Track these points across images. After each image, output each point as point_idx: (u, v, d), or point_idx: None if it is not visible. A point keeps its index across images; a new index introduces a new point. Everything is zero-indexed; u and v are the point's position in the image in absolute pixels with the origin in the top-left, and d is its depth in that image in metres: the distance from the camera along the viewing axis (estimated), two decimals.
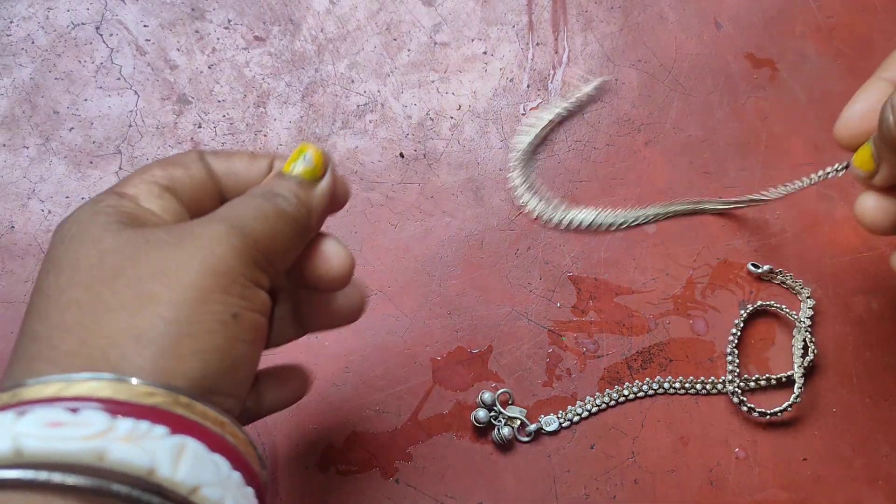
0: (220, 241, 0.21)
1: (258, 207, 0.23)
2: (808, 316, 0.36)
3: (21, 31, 0.39)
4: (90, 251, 0.21)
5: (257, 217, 0.22)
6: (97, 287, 0.20)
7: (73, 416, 0.18)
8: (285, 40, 0.40)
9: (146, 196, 0.23)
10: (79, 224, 0.22)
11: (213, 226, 0.21)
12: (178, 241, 0.21)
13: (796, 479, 0.34)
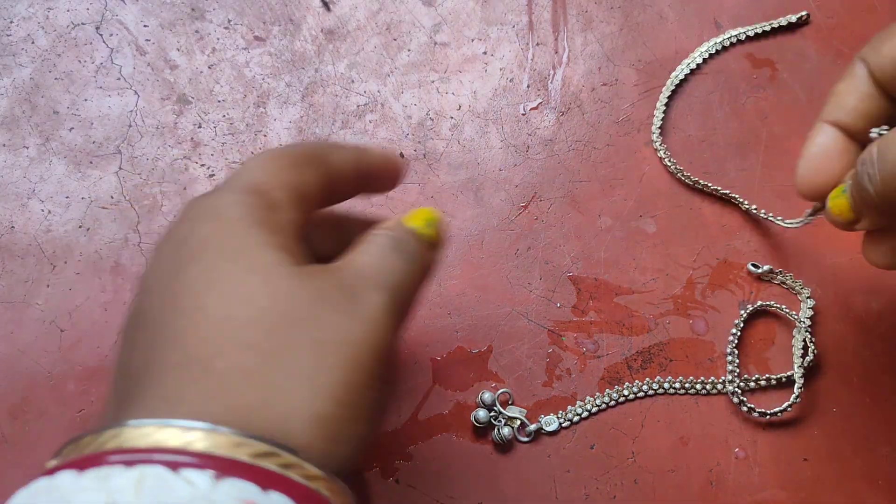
0: (384, 316, 0.21)
1: (407, 272, 0.22)
2: (809, 316, 0.36)
3: (21, 31, 0.39)
4: (263, 287, 0.19)
5: (407, 284, 0.22)
6: (277, 336, 0.19)
7: (264, 495, 0.17)
8: (285, 40, 0.40)
9: (287, 203, 0.22)
10: (232, 236, 0.20)
11: (375, 295, 0.21)
12: (349, 306, 0.20)
13: (796, 479, 0.34)
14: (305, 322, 0.19)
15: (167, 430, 0.17)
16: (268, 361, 0.19)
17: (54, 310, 0.35)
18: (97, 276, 0.36)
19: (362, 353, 0.20)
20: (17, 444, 0.33)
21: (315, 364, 0.19)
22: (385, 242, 0.23)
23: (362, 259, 0.22)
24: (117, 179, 0.37)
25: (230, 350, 0.19)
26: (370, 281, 0.21)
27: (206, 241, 0.20)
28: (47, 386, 0.34)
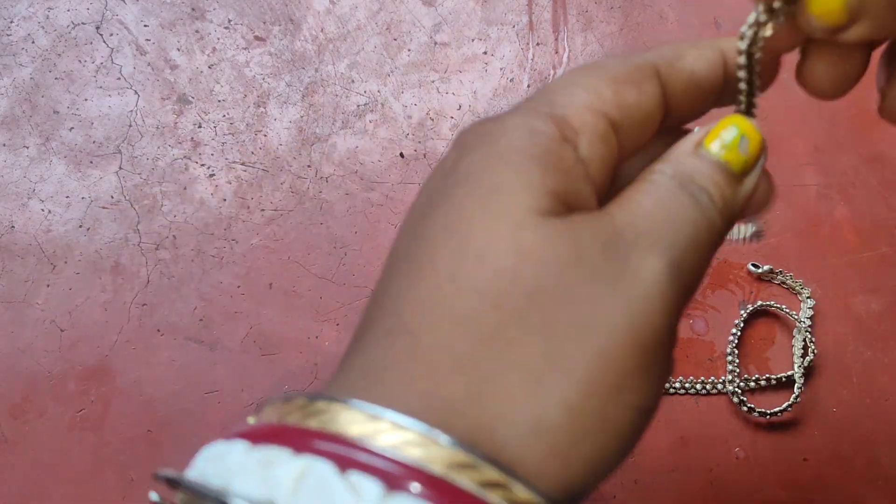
0: (662, 290, 0.15)
1: (690, 218, 0.16)
2: (808, 316, 0.36)
3: (21, 30, 0.39)
4: (506, 242, 0.15)
5: (698, 243, 0.16)
6: (504, 314, 0.15)
7: None
8: (286, 40, 0.40)
9: (592, 135, 0.17)
10: (507, 168, 0.16)
11: (653, 259, 0.15)
12: (612, 276, 0.15)
13: (796, 479, 0.34)
14: (549, 294, 0.15)
15: (381, 424, 0.13)
16: (487, 344, 0.14)
17: (54, 309, 0.35)
18: (97, 276, 0.36)
19: (621, 343, 0.15)
20: (17, 443, 0.33)
21: (548, 353, 0.14)
22: (670, 180, 0.17)
23: (638, 204, 0.16)
24: (117, 179, 0.37)
25: (443, 323, 0.15)
26: (647, 238, 0.16)
27: (468, 172, 0.16)
28: (47, 385, 0.34)
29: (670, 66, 0.18)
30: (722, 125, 0.18)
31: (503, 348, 0.14)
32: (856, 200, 0.39)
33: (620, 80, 0.17)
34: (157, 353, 0.35)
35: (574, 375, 0.14)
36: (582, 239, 0.15)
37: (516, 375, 0.14)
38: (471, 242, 0.15)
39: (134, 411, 0.34)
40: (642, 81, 0.17)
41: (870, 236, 0.38)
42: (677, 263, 0.16)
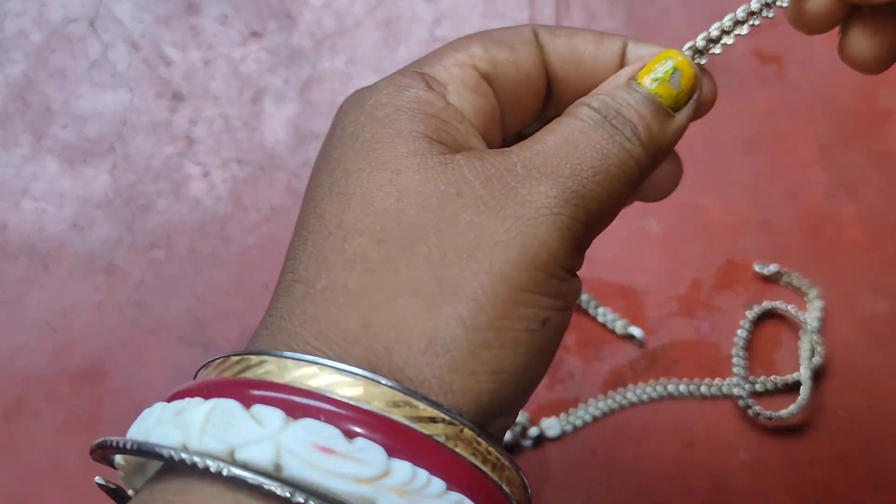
0: (550, 216, 0.16)
1: (600, 150, 0.16)
2: (816, 317, 0.36)
3: (14, 26, 0.39)
4: (386, 186, 0.16)
5: (597, 170, 0.16)
6: (390, 247, 0.15)
7: (348, 445, 0.14)
8: (282, 35, 0.40)
9: (459, 86, 0.18)
10: (376, 122, 0.17)
11: (541, 187, 0.16)
12: (497, 205, 0.16)
13: (803, 483, 0.34)
14: (432, 225, 0.15)
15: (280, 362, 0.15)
16: (376, 277, 0.15)
17: (47, 310, 0.35)
18: (91, 276, 0.35)
19: (506, 264, 0.15)
20: (8, 445, 0.33)
21: (435, 274, 0.15)
22: (591, 114, 0.17)
23: (541, 141, 0.17)
24: (111, 178, 0.37)
25: (334, 266, 0.16)
26: (541, 170, 0.16)
27: (343, 132, 0.17)
28: (40, 387, 0.34)
29: (553, 36, 0.19)
30: (657, 59, 0.18)
31: (392, 277, 0.15)
32: (863, 199, 0.38)
33: (494, 40, 0.18)
34: (151, 354, 0.34)
35: (464, 293, 0.15)
36: (463, 174, 0.16)
37: (407, 300, 0.15)
38: (353, 192, 0.16)
39: (127, 413, 0.33)
40: (516, 42, 0.18)
41: (877, 236, 0.38)
42: (577, 190, 0.16)
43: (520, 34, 0.19)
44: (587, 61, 0.19)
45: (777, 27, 0.41)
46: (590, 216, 0.17)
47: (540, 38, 0.19)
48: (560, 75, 0.19)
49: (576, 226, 0.16)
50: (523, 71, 0.18)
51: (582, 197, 0.16)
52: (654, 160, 0.18)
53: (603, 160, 0.16)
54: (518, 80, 0.18)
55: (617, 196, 0.17)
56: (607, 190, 0.17)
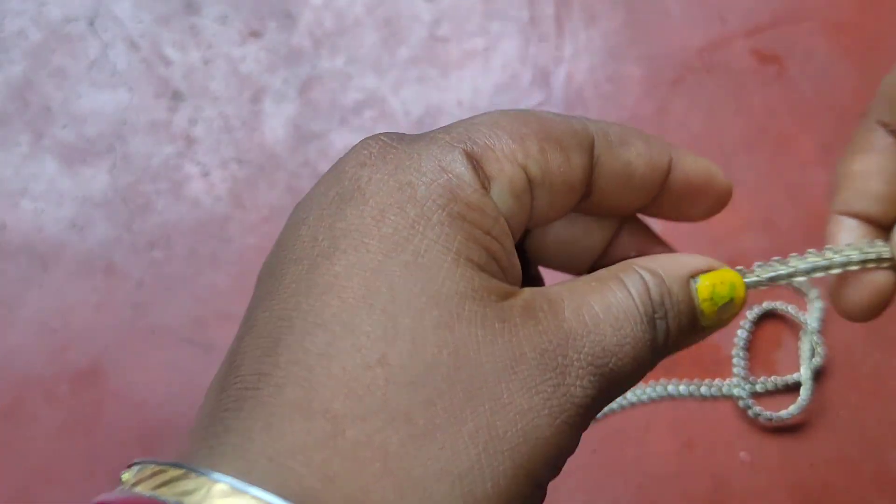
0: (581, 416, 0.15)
1: (637, 355, 0.15)
2: (816, 318, 0.36)
3: (13, 26, 0.39)
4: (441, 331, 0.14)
5: (629, 375, 0.15)
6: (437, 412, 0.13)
7: None
8: (282, 35, 0.40)
9: (506, 186, 0.15)
10: (427, 226, 0.14)
11: (584, 381, 0.14)
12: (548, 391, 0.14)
13: (803, 484, 0.34)
14: (485, 397, 0.14)
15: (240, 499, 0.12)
16: (418, 442, 0.13)
17: (46, 310, 0.35)
18: (90, 276, 0.35)
19: (541, 457, 0.14)
20: (8, 446, 0.33)
21: (475, 459, 0.13)
22: (638, 301, 0.15)
23: (592, 310, 0.15)
24: (110, 177, 0.37)
25: (377, 416, 0.13)
26: (592, 357, 0.15)
27: (381, 220, 0.14)
28: (39, 387, 0.34)
29: (609, 146, 0.17)
30: (724, 276, 0.17)
31: (431, 448, 0.13)
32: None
33: (552, 139, 0.16)
34: (150, 355, 0.34)
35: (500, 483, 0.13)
36: (520, 342, 0.14)
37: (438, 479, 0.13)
38: (401, 321, 0.14)
39: (126, 414, 0.33)
40: (573, 149, 0.16)
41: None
42: (606, 391, 0.15)
43: (577, 137, 0.16)
44: (636, 182, 0.17)
45: (777, 27, 0.41)
46: (598, 410, 0.15)
47: (596, 148, 0.16)
48: (605, 187, 0.17)
49: (588, 422, 0.15)
50: (569, 184, 0.16)
51: (608, 394, 0.15)
52: (656, 362, 0.16)
53: (636, 366, 0.15)
54: (560, 192, 0.16)
55: (630, 379, 0.16)
56: (623, 386, 0.16)
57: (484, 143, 0.15)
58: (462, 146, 0.15)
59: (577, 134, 0.16)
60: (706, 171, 0.18)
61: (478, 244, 0.14)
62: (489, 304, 0.14)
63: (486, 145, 0.15)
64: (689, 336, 0.16)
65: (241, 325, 0.15)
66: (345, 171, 0.15)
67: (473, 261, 0.14)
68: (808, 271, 0.19)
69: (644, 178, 0.17)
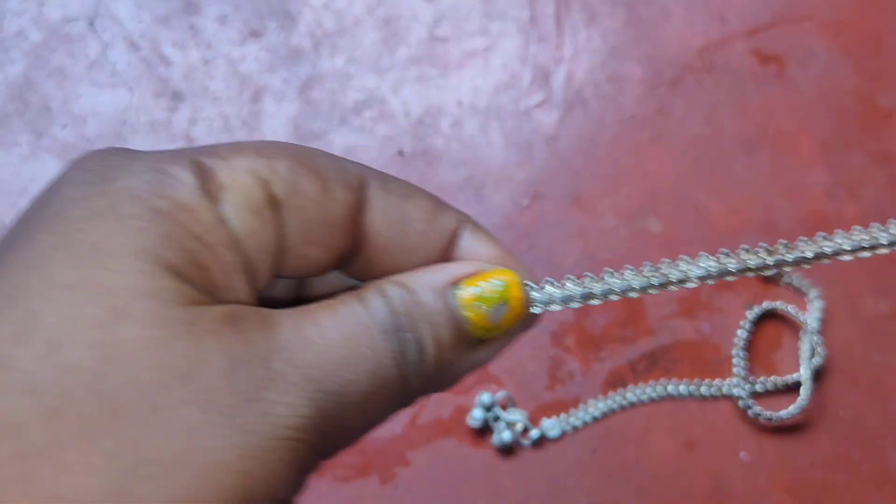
0: (291, 443, 0.12)
1: (377, 375, 0.13)
2: (816, 318, 0.36)
3: (13, 26, 0.39)
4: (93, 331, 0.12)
5: (367, 397, 0.13)
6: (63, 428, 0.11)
7: None
8: (282, 35, 0.40)
9: (240, 199, 0.13)
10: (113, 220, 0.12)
11: (294, 399, 0.12)
12: (233, 409, 0.12)
13: (803, 484, 0.34)
14: (135, 411, 0.11)
15: None
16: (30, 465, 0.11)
17: None
18: None
19: (206, 488, 0.11)
20: None
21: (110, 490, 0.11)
22: (382, 312, 0.14)
23: (326, 327, 0.13)
24: None
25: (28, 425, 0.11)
26: (306, 374, 0.12)
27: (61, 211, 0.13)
28: None
29: (385, 193, 0.15)
30: (491, 274, 0.15)
31: (51, 476, 0.11)
32: (864, 199, 0.38)
33: (309, 166, 0.14)
34: None
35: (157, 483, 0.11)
36: (206, 349, 0.12)
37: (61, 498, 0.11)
38: (41, 318, 0.11)
39: None
40: (336, 182, 0.14)
41: None
42: (333, 415, 0.13)
43: (343, 174, 0.15)
44: (413, 234, 0.15)
45: (777, 27, 0.41)
46: (330, 444, 0.13)
47: (369, 190, 0.15)
48: (378, 240, 0.15)
49: (313, 456, 0.13)
50: (328, 217, 0.14)
51: (335, 425, 0.13)
52: (427, 392, 0.15)
53: (374, 386, 0.13)
54: (317, 223, 0.14)
55: (370, 427, 0.14)
56: (363, 422, 0.14)
57: (220, 156, 0.14)
58: (192, 155, 0.14)
59: (344, 171, 0.15)
60: (493, 255, 0.16)
61: (179, 247, 0.12)
62: (174, 307, 0.12)
63: (222, 157, 0.14)
64: (463, 350, 0.15)
65: None
66: (61, 173, 0.14)
67: (167, 261, 0.12)
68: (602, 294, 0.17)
69: (424, 235, 0.15)
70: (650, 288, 0.17)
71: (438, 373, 0.14)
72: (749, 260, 0.17)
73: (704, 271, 0.17)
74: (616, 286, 0.17)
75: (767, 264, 0.17)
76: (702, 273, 0.17)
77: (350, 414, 0.13)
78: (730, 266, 0.17)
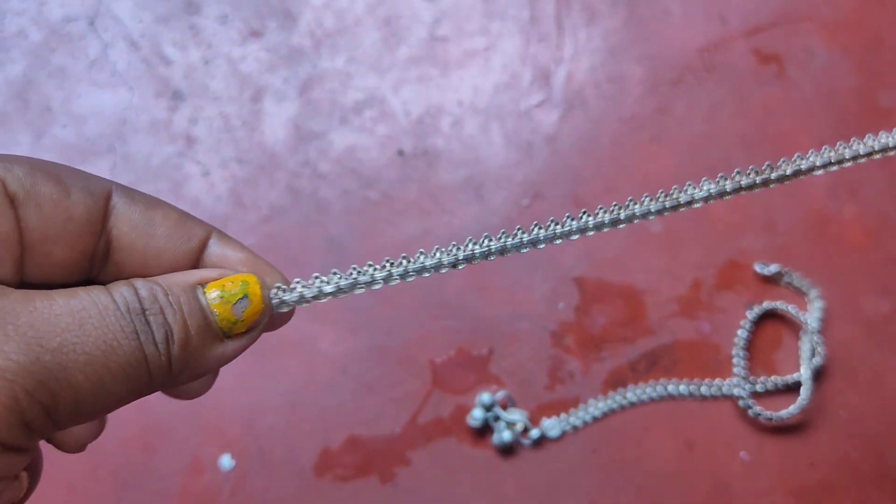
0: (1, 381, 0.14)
1: (108, 342, 0.15)
2: (817, 318, 0.36)
3: (13, 25, 0.39)
4: None
5: (93, 361, 0.15)
6: None
7: None
8: (282, 35, 0.40)
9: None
10: None
11: (7, 346, 0.14)
12: None
13: (803, 483, 0.34)
14: None
15: None
16: None
17: None
18: None
19: None
20: None
21: None
22: (127, 295, 0.15)
23: (57, 301, 0.15)
24: (111, 177, 0.37)
25: None
26: (23, 329, 0.14)
27: None
28: None
29: (131, 202, 0.17)
30: (235, 279, 0.17)
31: None
32: (864, 199, 0.38)
33: (48, 172, 0.16)
34: None
35: None
36: None
37: None
38: None
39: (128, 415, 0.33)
40: (77, 187, 0.16)
41: (879, 236, 0.38)
42: (53, 370, 0.14)
43: (86, 181, 0.17)
44: (160, 238, 0.17)
45: (776, 27, 0.41)
46: (57, 402, 0.14)
47: (113, 198, 0.17)
48: (125, 242, 0.17)
49: (30, 403, 0.14)
50: (68, 215, 0.16)
51: (56, 379, 0.14)
52: (177, 377, 0.16)
53: (106, 353, 0.15)
54: (57, 221, 0.16)
55: (108, 396, 0.15)
56: (95, 386, 0.15)
57: None
58: None
59: (87, 179, 0.17)
60: (241, 259, 0.18)
61: None
62: None
63: None
64: (210, 341, 0.16)
65: None
66: None
67: None
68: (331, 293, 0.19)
69: (170, 240, 0.17)
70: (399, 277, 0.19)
71: (187, 357, 0.16)
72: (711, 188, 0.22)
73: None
74: (362, 280, 0.19)
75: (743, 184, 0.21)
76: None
77: (75, 373, 0.14)
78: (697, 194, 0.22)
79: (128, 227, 0.17)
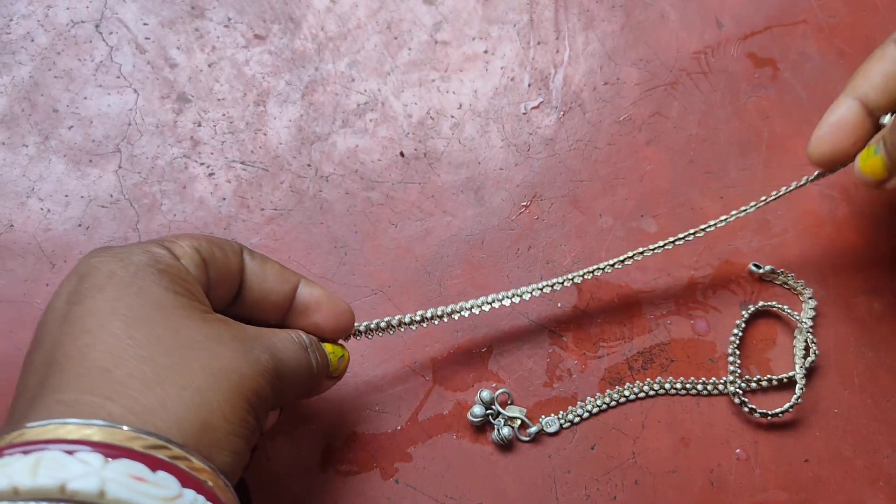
0: (267, 370, 0.24)
1: (296, 353, 0.27)
2: (810, 317, 0.36)
3: (21, 28, 0.39)
4: (162, 322, 0.23)
5: (295, 369, 0.26)
6: (172, 357, 0.22)
7: (152, 475, 0.20)
8: (285, 39, 0.40)
9: (189, 259, 0.25)
10: (137, 276, 0.23)
11: (265, 354, 0.25)
12: (241, 350, 0.24)
13: (797, 480, 0.34)
14: (201, 350, 0.23)
15: (66, 427, 0.20)
16: (165, 374, 0.22)
17: None
18: None
19: (248, 387, 0.23)
20: None
21: (207, 383, 0.22)
22: (298, 338, 0.27)
23: (269, 334, 0.26)
24: (117, 178, 0.37)
25: (131, 361, 0.21)
26: (265, 343, 0.25)
27: (111, 275, 0.23)
28: None
29: (253, 258, 0.28)
30: (340, 349, 0.30)
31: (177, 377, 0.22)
32: (858, 200, 0.39)
33: (214, 243, 0.27)
34: None
35: (224, 397, 0.23)
36: (221, 328, 0.24)
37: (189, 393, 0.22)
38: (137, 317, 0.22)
39: None
40: (229, 251, 0.27)
41: (872, 236, 0.38)
42: (279, 367, 0.25)
43: (231, 247, 0.27)
44: (270, 282, 0.28)
45: (771, 30, 0.42)
46: (279, 388, 0.25)
47: (244, 255, 0.27)
48: (249, 283, 0.27)
49: (273, 387, 0.25)
50: (229, 268, 0.27)
51: (280, 374, 0.25)
52: (317, 387, 0.29)
53: (299, 363, 0.27)
54: (223, 272, 0.26)
55: (299, 380, 0.27)
56: (294, 372, 0.26)
57: (172, 241, 0.26)
58: (157, 242, 0.25)
59: (231, 246, 0.27)
60: (320, 294, 0.29)
61: (179, 284, 0.24)
62: (193, 310, 0.24)
63: (173, 241, 0.26)
64: (327, 375, 0.29)
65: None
66: (81, 261, 0.24)
67: (178, 292, 0.24)
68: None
69: (276, 281, 0.28)
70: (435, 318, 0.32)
71: (317, 373, 0.28)
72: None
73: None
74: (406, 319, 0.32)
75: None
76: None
77: (287, 371, 0.26)
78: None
79: (251, 275, 0.27)
